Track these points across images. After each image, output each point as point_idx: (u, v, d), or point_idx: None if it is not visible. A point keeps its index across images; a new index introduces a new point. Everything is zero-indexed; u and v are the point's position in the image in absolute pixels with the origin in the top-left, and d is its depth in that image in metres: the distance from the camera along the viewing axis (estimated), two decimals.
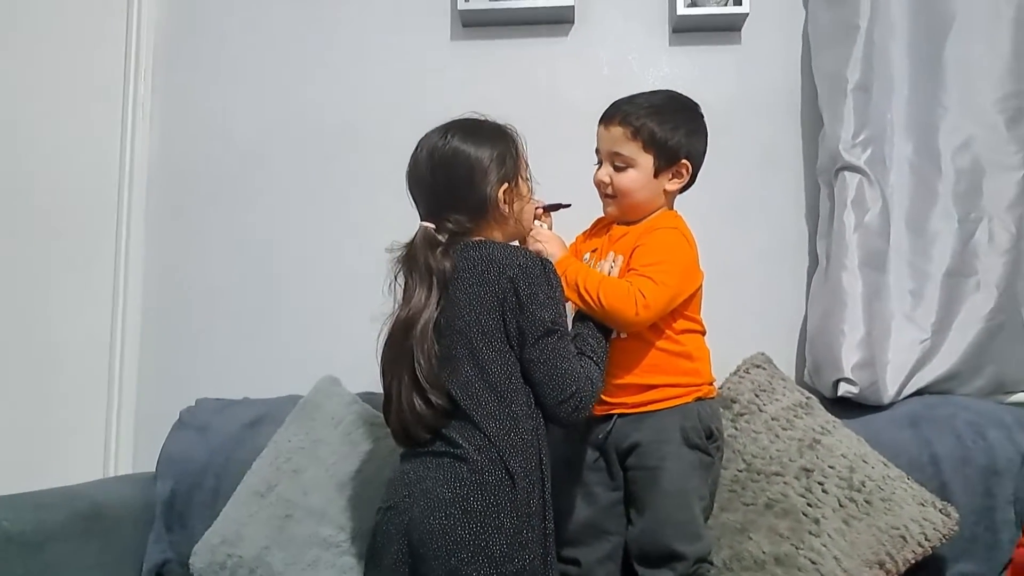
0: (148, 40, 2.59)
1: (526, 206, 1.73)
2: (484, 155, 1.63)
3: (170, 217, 2.57)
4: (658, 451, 1.71)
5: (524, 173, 1.72)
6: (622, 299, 1.64)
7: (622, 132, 1.77)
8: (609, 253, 1.79)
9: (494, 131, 1.69)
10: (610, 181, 1.79)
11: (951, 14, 2.22)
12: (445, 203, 1.65)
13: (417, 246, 1.63)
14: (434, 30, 2.55)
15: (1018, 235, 2.16)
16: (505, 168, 1.65)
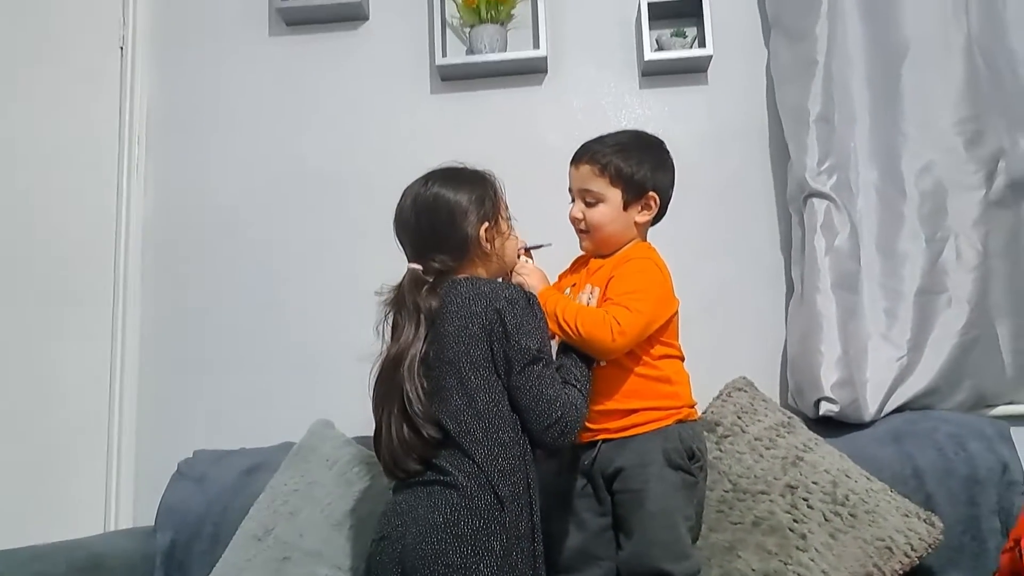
0: (141, 105, 2.70)
1: (507, 243, 1.80)
2: (463, 198, 1.72)
3: (165, 273, 2.64)
4: (641, 474, 1.74)
5: (503, 213, 1.79)
6: (598, 327, 1.69)
7: (590, 169, 1.86)
8: (587, 285, 1.85)
9: (472, 176, 1.78)
10: (583, 216, 1.87)
11: (905, 45, 2.33)
12: (430, 245, 1.72)
13: (405, 287, 1.70)
14: (414, 85, 2.66)
15: (985, 252, 2.24)
16: (484, 208, 1.73)
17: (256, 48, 2.71)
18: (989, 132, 2.29)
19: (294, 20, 2.69)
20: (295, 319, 2.57)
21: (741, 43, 2.57)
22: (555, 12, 2.62)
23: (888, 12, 2.36)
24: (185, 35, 2.74)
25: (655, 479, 1.74)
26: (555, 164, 2.53)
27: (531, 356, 1.60)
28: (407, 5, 2.68)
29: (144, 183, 2.67)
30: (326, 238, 2.60)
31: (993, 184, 2.28)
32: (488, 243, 1.73)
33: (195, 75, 2.73)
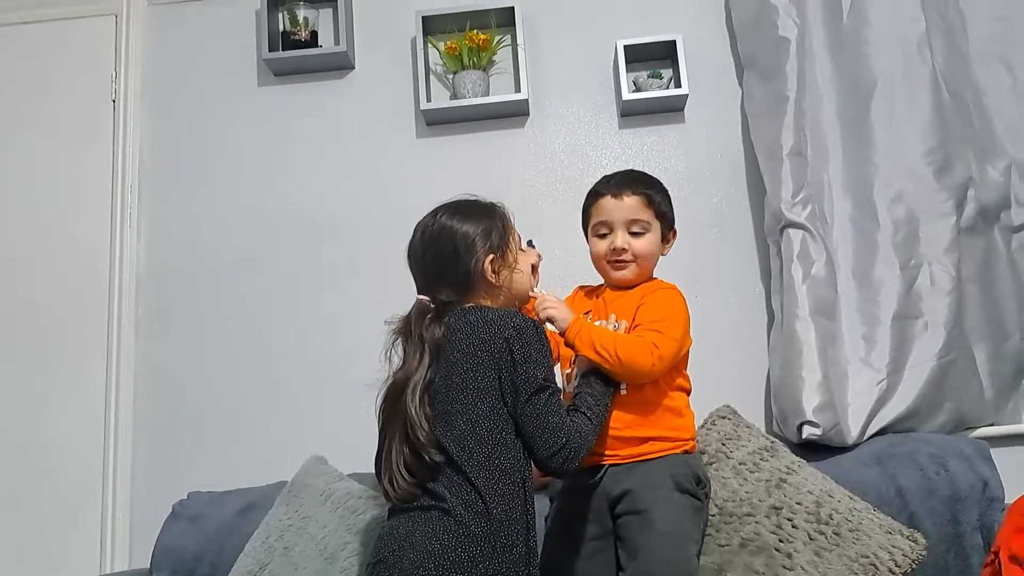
0: (134, 156, 2.76)
1: (515, 275, 1.80)
2: (470, 230, 1.75)
3: (158, 319, 2.67)
4: (650, 495, 1.76)
5: (513, 244, 1.81)
6: (639, 352, 1.74)
7: (638, 201, 1.92)
8: (610, 315, 1.89)
9: (481, 208, 1.81)
10: (627, 247, 1.91)
11: (872, 80, 2.41)
12: (436, 276, 1.76)
13: (412, 317, 1.74)
14: (400, 130, 2.73)
15: (958, 277, 2.30)
16: (491, 241, 1.75)
17: (245, 99, 2.79)
18: (957, 161, 2.37)
19: (282, 71, 2.76)
20: (286, 362, 2.60)
21: (716, 83, 2.66)
22: (535, 57, 2.71)
23: (855, 49, 2.46)
24: (176, 87, 2.81)
25: (664, 500, 1.76)
26: (539, 204, 2.62)
27: (538, 385, 1.62)
28: (392, 54, 2.77)
29: (136, 232, 2.72)
30: (316, 282, 2.65)
31: (963, 211, 2.36)
32: (495, 275, 1.75)
33: (186, 126, 2.79)
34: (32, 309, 2.63)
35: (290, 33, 2.73)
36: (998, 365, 2.36)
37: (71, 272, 2.65)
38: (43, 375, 2.56)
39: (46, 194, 2.70)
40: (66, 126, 2.74)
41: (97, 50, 2.80)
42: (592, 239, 1.98)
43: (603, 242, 1.94)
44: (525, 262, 1.84)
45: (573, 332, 1.77)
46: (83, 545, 2.47)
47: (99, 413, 2.57)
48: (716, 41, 2.69)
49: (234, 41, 2.81)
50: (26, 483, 2.42)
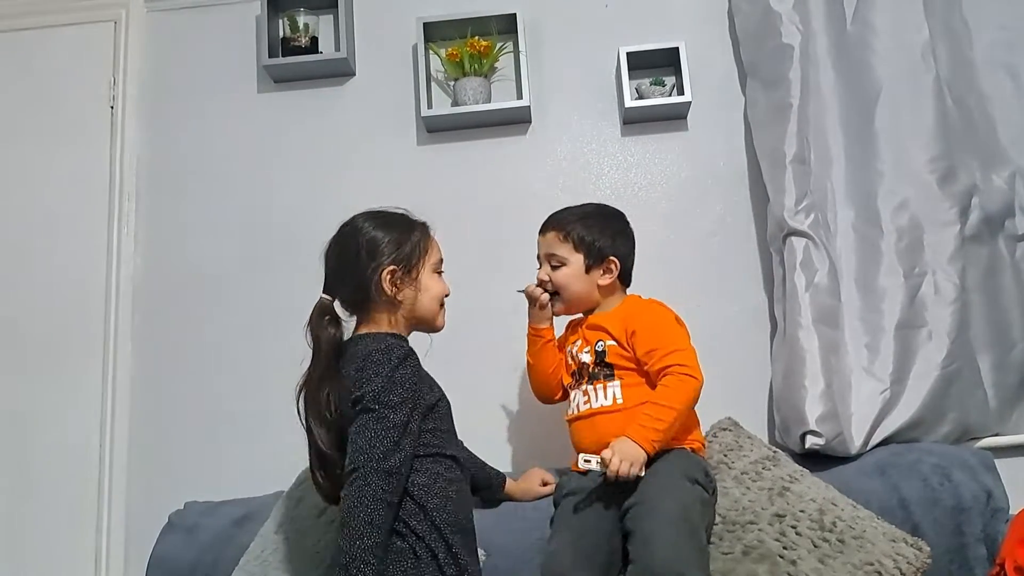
0: (131, 163, 2.74)
1: (421, 296, 1.80)
2: (380, 236, 1.77)
3: (154, 328, 2.65)
4: (660, 483, 1.78)
5: (426, 266, 1.82)
6: (683, 390, 1.86)
7: (555, 235, 2.07)
8: (597, 341, 2.01)
9: (403, 221, 1.83)
10: (548, 278, 2.06)
11: (877, 87, 2.40)
12: (338, 277, 1.80)
13: (313, 317, 1.76)
14: (401, 138, 2.71)
15: (962, 286, 2.28)
16: (400, 253, 1.77)
17: (245, 105, 2.77)
18: (961, 169, 2.36)
19: (282, 77, 2.75)
20: (284, 371, 2.57)
21: (719, 90, 2.65)
22: (537, 64, 2.69)
23: (859, 57, 2.45)
24: (174, 94, 2.80)
25: (674, 488, 1.78)
26: (541, 212, 2.58)
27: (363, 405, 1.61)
28: (392, 61, 2.75)
29: (134, 240, 2.70)
30: (315, 291, 2.60)
31: (968, 220, 2.35)
32: (392, 287, 1.75)
33: (185, 133, 2.78)
34: (28, 316, 2.61)
35: (290, 39, 2.72)
36: (1002, 375, 2.35)
37: (67, 279, 2.63)
38: (38, 383, 2.54)
39: (43, 200, 2.69)
40: (64, 132, 2.73)
41: (96, 56, 2.78)
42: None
43: (540, 271, 2.11)
44: (436, 288, 1.84)
45: (650, 440, 1.79)
46: (78, 555, 2.45)
47: (94, 421, 2.55)
48: (719, 48, 2.68)
49: (233, 47, 2.79)
50: (20, 492, 2.40)
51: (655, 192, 2.61)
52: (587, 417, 1.99)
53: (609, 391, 1.96)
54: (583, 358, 2.03)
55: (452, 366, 2.50)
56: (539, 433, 2.41)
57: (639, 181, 2.62)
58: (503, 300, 2.52)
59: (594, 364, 2.00)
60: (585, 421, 1.99)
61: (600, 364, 1.99)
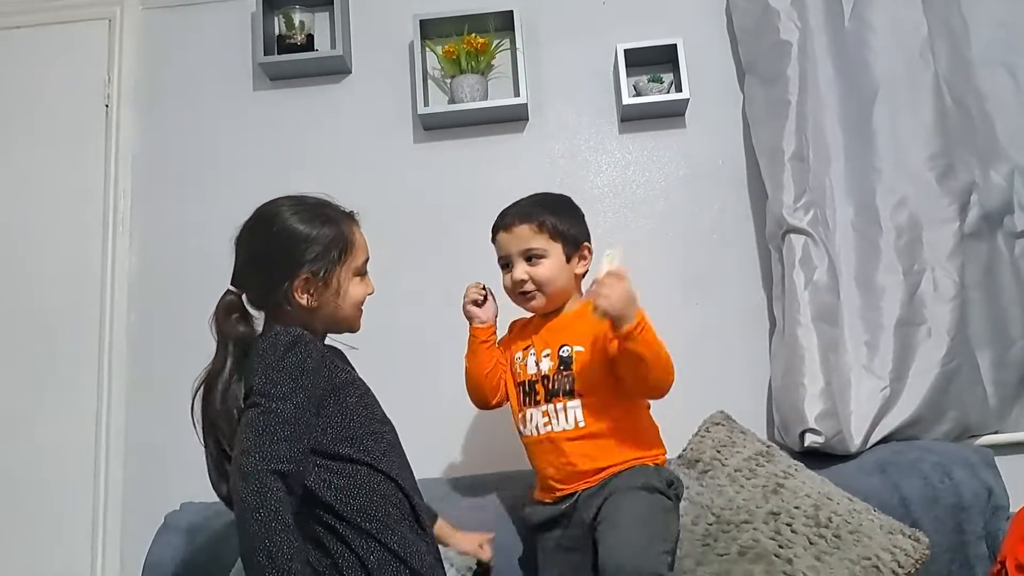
0: (127, 162, 2.72)
1: (343, 303, 1.66)
2: (298, 233, 1.61)
3: (150, 326, 2.64)
4: (620, 499, 1.75)
5: (351, 269, 1.67)
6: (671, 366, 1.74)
7: (527, 228, 1.88)
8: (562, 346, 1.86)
9: (325, 214, 1.66)
10: (528, 277, 1.87)
11: (875, 84, 2.40)
12: (247, 273, 1.66)
13: (218, 314, 1.63)
14: (398, 135, 2.70)
15: (961, 283, 2.28)
16: (318, 257, 1.61)
17: (240, 103, 2.75)
18: (960, 166, 2.36)
19: (277, 75, 2.74)
20: None
21: (717, 87, 2.63)
22: (534, 61, 2.68)
23: (857, 54, 2.44)
24: (170, 92, 2.78)
25: (632, 499, 1.74)
26: None
27: (251, 399, 1.48)
28: (389, 58, 2.74)
29: (129, 238, 2.68)
30: None
31: (967, 217, 2.35)
32: (305, 297, 1.61)
33: (180, 131, 2.76)
34: (23, 316, 2.60)
35: (286, 37, 2.70)
36: (1002, 372, 2.34)
37: (63, 278, 2.62)
38: (34, 382, 2.53)
39: (38, 199, 2.68)
40: (59, 131, 2.71)
41: (90, 55, 2.76)
42: (503, 276, 1.95)
43: (507, 276, 1.93)
44: (358, 294, 1.69)
45: (641, 322, 1.66)
46: (74, 556, 2.44)
47: (90, 421, 2.53)
48: (717, 45, 2.67)
49: (229, 45, 2.78)
50: (16, 492, 2.39)
51: (653, 189, 2.60)
52: (547, 442, 1.86)
53: (570, 413, 1.82)
54: (542, 366, 1.88)
55: (446, 365, 2.50)
56: None
57: (637, 178, 2.61)
58: (500, 297, 2.51)
59: (556, 371, 1.85)
60: (548, 445, 1.85)
61: (563, 372, 1.85)
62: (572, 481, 1.82)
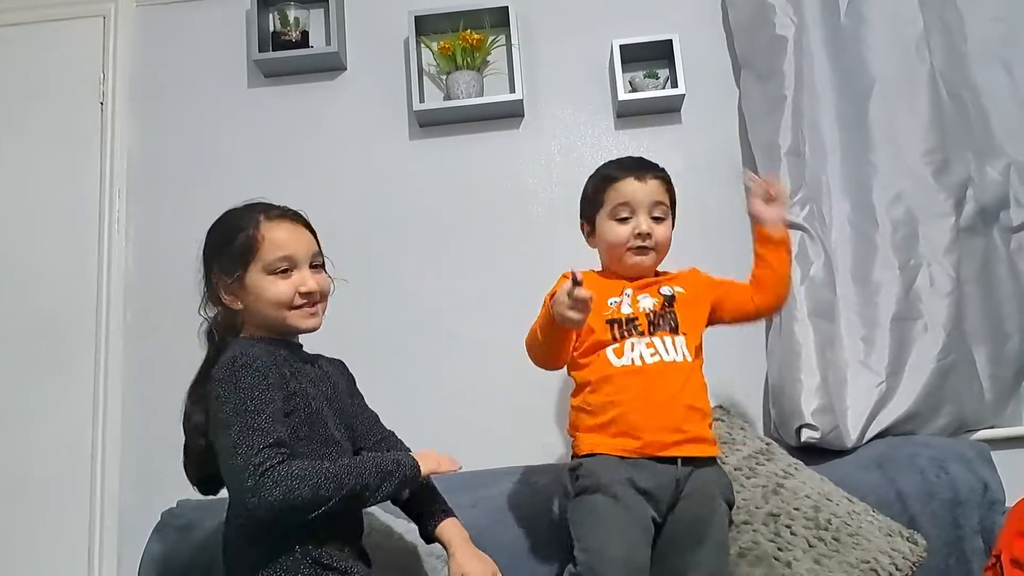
0: (122, 159, 2.71)
1: (257, 303, 1.64)
2: (209, 239, 1.69)
3: (146, 324, 2.63)
4: (709, 503, 1.76)
5: (259, 266, 1.63)
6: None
7: (659, 185, 1.90)
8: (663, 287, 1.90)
9: (231, 216, 1.70)
10: (651, 231, 1.86)
11: (871, 79, 2.40)
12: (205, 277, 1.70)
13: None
14: (393, 132, 2.69)
15: (958, 278, 2.28)
16: (223, 257, 1.64)
17: (235, 100, 2.75)
18: (956, 161, 2.36)
19: (272, 72, 2.73)
20: None
21: (712, 83, 2.63)
22: (530, 57, 2.68)
23: (853, 49, 2.44)
24: (165, 89, 2.77)
25: (718, 514, 1.76)
26: (534, 206, 2.60)
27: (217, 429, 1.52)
28: (384, 54, 2.73)
29: (125, 236, 2.67)
30: None
31: (963, 212, 2.35)
32: (228, 297, 1.65)
33: (175, 128, 2.75)
34: (18, 314, 2.59)
35: (280, 34, 2.70)
36: (998, 367, 2.34)
37: (58, 276, 2.61)
38: (30, 381, 2.52)
39: (33, 197, 2.67)
40: (53, 128, 2.70)
41: (85, 52, 2.75)
42: (609, 223, 1.89)
43: (624, 226, 1.87)
44: (269, 291, 1.62)
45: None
46: (70, 554, 2.43)
47: (87, 419, 2.52)
48: (713, 41, 2.66)
49: (224, 42, 2.77)
50: (11, 490, 2.38)
51: None
52: (653, 370, 1.79)
53: (679, 346, 1.81)
54: (643, 304, 1.85)
55: (448, 359, 2.51)
56: (539, 425, 2.42)
57: None
58: (496, 294, 2.52)
59: (661, 307, 1.84)
60: (651, 375, 1.78)
61: (667, 309, 1.84)
62: (687, 420, 1.76)
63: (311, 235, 1.73)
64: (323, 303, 1.72)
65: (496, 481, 2.18)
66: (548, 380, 2.37)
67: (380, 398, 2.48)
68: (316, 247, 1.72)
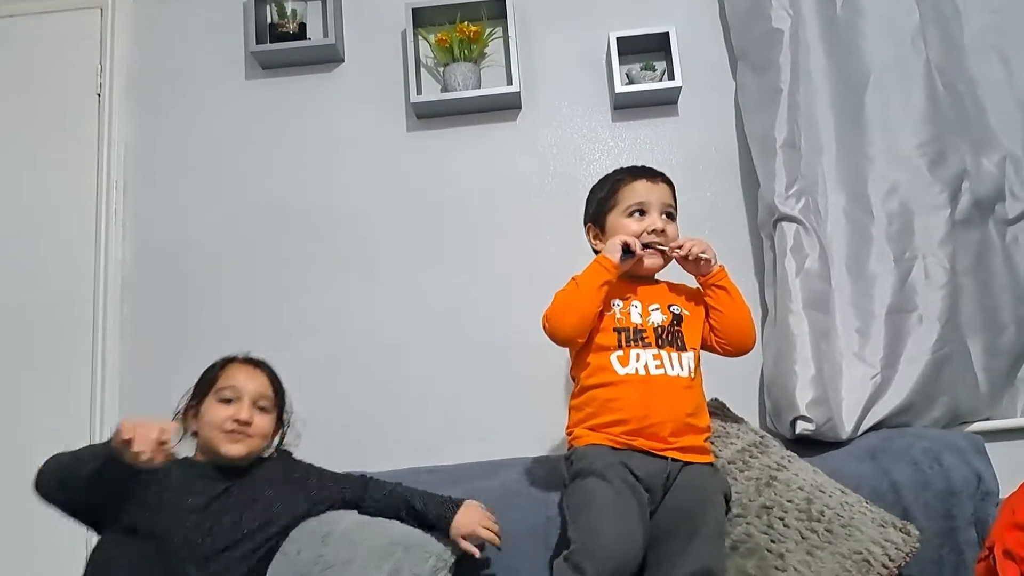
0: (119, 151, 2.71)
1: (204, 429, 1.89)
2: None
3: (144, 318, 2.63)
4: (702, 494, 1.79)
5: (212, 394, 1.92)
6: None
7: (668, 189, 2.01)
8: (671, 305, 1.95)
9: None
10: (663, 228, 1.94)
11: (866, 72, 2.40)
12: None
13: None
14: (391, 124, 2.70)
15: (953, 270, 2.28)
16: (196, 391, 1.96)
17: (233, 92, 2.75)
18: (951, 153, 2.36)
19: (270, 64, 2.73)
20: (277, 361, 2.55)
21: (709, 75, 2.64)
22: (527, 49, 2.68)
23: (849, 41, 2.44)
24: (162, 81, 2.77)
25: (712, 505, 1.79)
26: (531, 198, 2.61)
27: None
28: (381, 46, 2.74)
29: (122, 229, 2.67)
30: (306, 279, 2.61)
31: (958, 204, 2.35)
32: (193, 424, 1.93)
33: (172, 120, 2.76)
34: (14, 309, 2.59)
35: (278, 25, 2.70)
36: (993, 359, 2.35)
37: (54, 270, 2.61)
38: (26, 376, 2.52)
39: (29, 189, 2.67)
40: (50, 120, 2.71)
41: (82, 43, 2.75)
42: (623, 221, 1.96)
43: (638, 223, 1.94)
44: (210, 415, 1.88)
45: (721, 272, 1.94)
46: (67, 555, 2.42)
47: (84, 415, 2.52)
48: (709, 33, 2.67)
49: (221, 34, 2.77)
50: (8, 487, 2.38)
51: None
52: (657, 381, 1.84)
53: (685, 362, 1.88)
54: (653, 317, 1.91)
55: (441, 353, 2.52)
56: (537, 417, 2.43)
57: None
58: (494, 285, 2.52)
59: (670, 324, 1.90)
60: (655, 387, 1.84)
61: (675, 327, 1.91)
62: (684, 433, 1.83)
63: (267, 381, 1.96)
64: (256, 439, 1.89)
65: (496, 472, 2.19)
66: (547, 372, 2.39)
67: (377, 391, 2.50)
68: (269, 392, 1.95)
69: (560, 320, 1.88)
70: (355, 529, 1.87)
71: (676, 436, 1.82)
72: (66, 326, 2.59)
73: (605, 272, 1.86)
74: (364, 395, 2.50)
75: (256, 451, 1.90)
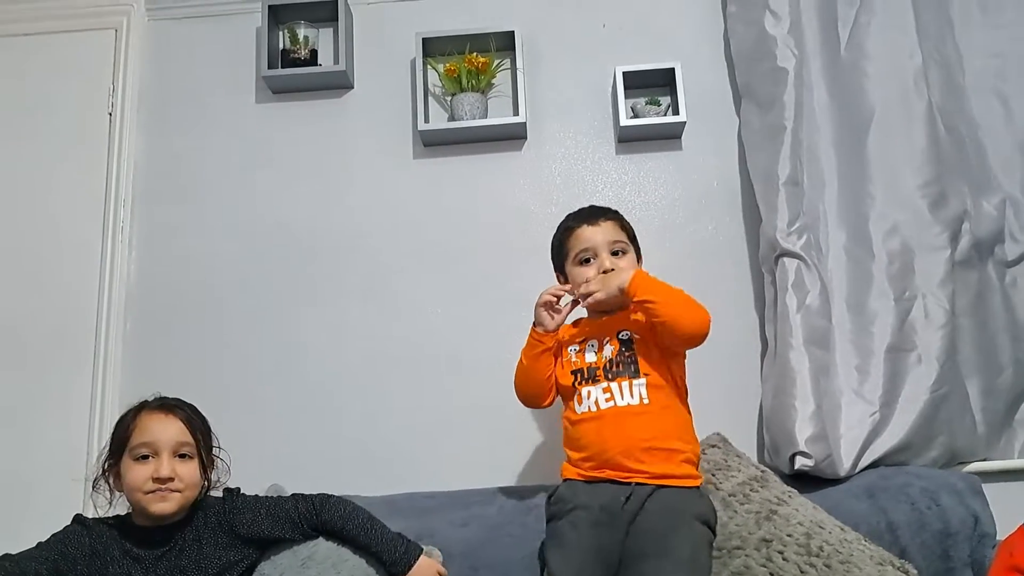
0: (128, 170, 2.74)
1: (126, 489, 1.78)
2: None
3: (147, 334, 2.64)
4: (671, 519, 1.78)
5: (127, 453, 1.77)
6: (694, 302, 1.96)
7: (612, 224, 2.05)
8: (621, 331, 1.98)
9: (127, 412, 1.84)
10: (612, 267, 1.99)
11: (870, 111, 2.42)
12: None
13: None
14: (398, 151, 2.72)
15: (952, 311, 2.30)
16: (111, 447, 1.81)
17: (243, 115, 2.78)
18: (952, 195, 2.38)
19: (280, 88, 2.76)
20: (275, 381, 2.58)
21: (713, 110, 2.66)
22: (534, 81, 2.71)
23: (852, 81, 2.47)
24: (173, 102, 2.80)
25: (685, 527, 1.78)
26: (535, 228, 2.62)
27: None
28: (391, 74, 2.77)
29: (128, 246, 2.69)
30: (309, 302, 2.62)
31: (958, 245, 2.37)
32: (114, 481, 1.81)
33: (182, 141, 2.78)
34: (20, 321, 2.60)
35: (290, 51, 2.73)
36: (991, 400, 2.36)
37: (61, 285, 2.63)
38: (29, 389, 2.53)
39: (40, 205, 2.69)
40: (63, 139, 2.73)
41: (95, 64, 2.79)
42: (576, 269, 2.04)
43: (589, 268, 2.02)
44: (128, 476, 1.76)
45: (639, 277, 1.91)
46: None
47: (84, 428, 2.53)
48: (714, 70, 2.70)
49: (233, 57, 2.81)
50: (9, 499, 2.38)
51: (649, 211, 2.62)
52: (608, 415, 1.90)
53: (635, 389, 1.91)
54: (604, 352, 1.96)
55: (449, 380, 2.52)
56: (539, 445, 2.46)
57: (633, 199, 2.63)
58: (496, 313, 2.53)
59: (618, 353, 1.94)
60: (607, 420, 1.90)
61: (624, 354, 1.94)
62: (646, 458, 1.84)
63: (183, 426, 1.82)
64: (186, 491, 1.79)
65: (491, 500, 2.19)
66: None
67: (377, 415, 2.51)
68: (187, 437, 1.81)
69: (519, 393, 2.09)
70: (335, 551, 1.89)
71: (638, 462, 1.84)
72: (70, 339, 2.59)
73: (538, 343, 2.00)
74: (365, 417, 2.51)
75: (189, 500, 1.81)
